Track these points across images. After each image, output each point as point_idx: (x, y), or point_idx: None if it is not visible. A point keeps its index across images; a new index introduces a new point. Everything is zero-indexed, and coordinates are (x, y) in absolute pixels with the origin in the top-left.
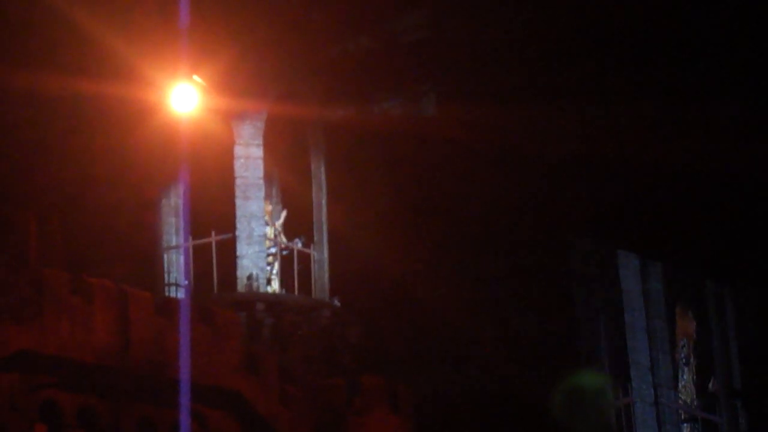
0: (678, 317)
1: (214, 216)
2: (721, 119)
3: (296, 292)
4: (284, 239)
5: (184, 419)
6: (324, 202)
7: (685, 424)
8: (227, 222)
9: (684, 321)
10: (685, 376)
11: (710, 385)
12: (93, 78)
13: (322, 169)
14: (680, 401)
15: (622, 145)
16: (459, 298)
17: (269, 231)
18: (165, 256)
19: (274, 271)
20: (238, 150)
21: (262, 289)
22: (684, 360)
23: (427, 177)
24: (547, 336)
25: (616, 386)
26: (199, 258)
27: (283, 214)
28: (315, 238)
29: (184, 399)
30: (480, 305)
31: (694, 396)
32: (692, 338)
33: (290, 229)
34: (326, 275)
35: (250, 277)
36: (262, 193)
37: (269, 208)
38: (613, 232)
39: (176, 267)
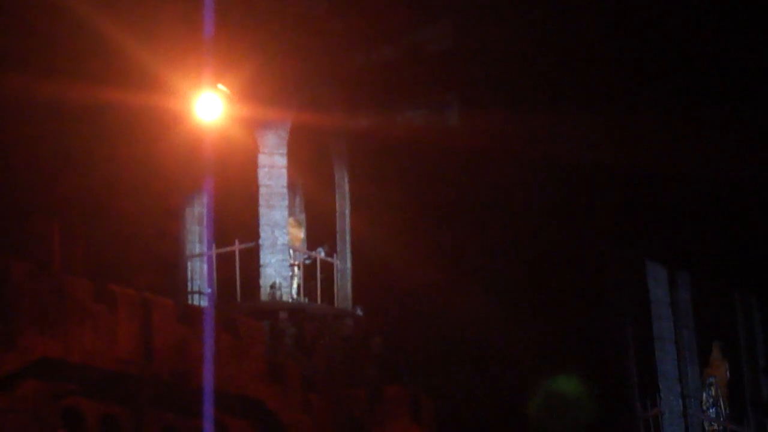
0: (713, 356)
1: (237, 224)
2: (755, 128)
3: (319, 301)
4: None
5: (207, 428)
6: (347, 211)
7: None
8: (251, 230)
9: (718, 362)
10: (712, 414)
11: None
12: (117, 87)
13: (346, 178)
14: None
15: (649, 153)
16: (483, 308)
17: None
18: (189, 264)
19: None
20: (262, 159)
21: (285, 298)
22: (712, 400)
23: (450, 186)
24: (573, 346)
25: (644, 397)
26: (223, 266)
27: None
28: (338, 247)
29: (207, 407)
30: (504, 314)
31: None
32: (724, 381)
33: (313, 238)
34: (349, 284)
35: (273, 286)
36: (286, 202)
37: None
38: (641, 241)
39: (200, 275)
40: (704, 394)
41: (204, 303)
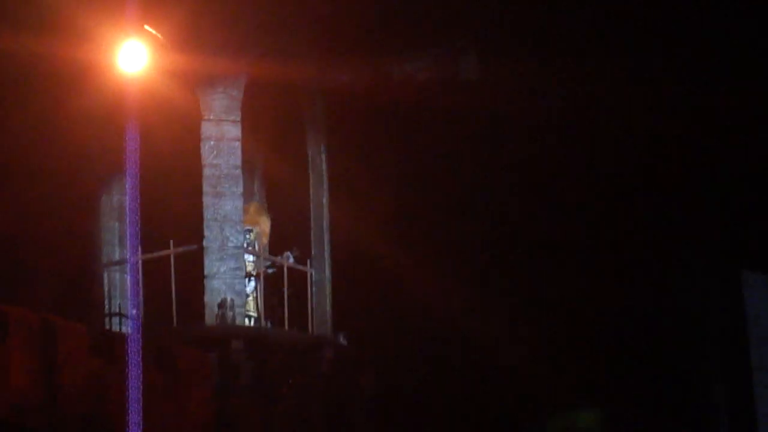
0: None
1: (173, 220)
2: None
3: (287, 324)
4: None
5: None
6: (325, 200)
7: None
8: (192, 228)
9: None
10: None
11: None
12: (14, 32)
13: (323, 155)
14: None
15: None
16: (511, 331)
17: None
18: (105, 274)
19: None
20: (207, 128)
21: (239, 321)
22: None
23: (464, 165)
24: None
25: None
26: (153, 278)
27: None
28: (313, 251)
29: None
30: (536, 340)
31: None
32: None
33: (279, 238)
34: (328, 301)
35: (222, 305)
36: (241, 189)
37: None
38: (737, 248)
39: (121, 290)
40: None
41: (127, 329)
